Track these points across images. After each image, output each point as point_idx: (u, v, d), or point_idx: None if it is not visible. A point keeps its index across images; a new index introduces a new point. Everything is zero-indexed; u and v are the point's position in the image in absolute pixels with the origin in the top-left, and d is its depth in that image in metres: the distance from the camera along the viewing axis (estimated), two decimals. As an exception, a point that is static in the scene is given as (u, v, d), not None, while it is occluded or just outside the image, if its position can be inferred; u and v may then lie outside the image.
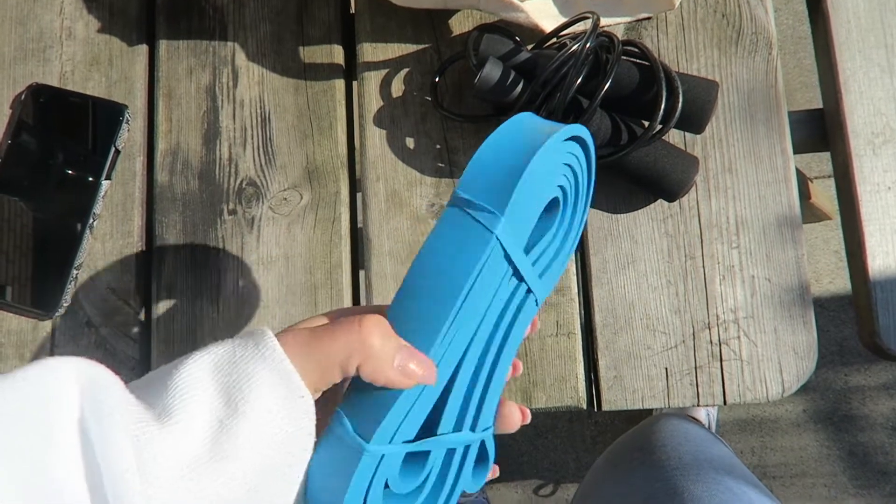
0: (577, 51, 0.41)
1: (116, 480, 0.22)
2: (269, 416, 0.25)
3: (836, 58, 0.48)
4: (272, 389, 0.25)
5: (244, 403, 0.25)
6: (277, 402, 0.25)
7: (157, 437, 0.23)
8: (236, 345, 0.26)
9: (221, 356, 0.26)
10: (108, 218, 0.49)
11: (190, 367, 0.25)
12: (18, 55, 0.51)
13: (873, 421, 1.17)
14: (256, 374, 0.25)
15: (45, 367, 0.23)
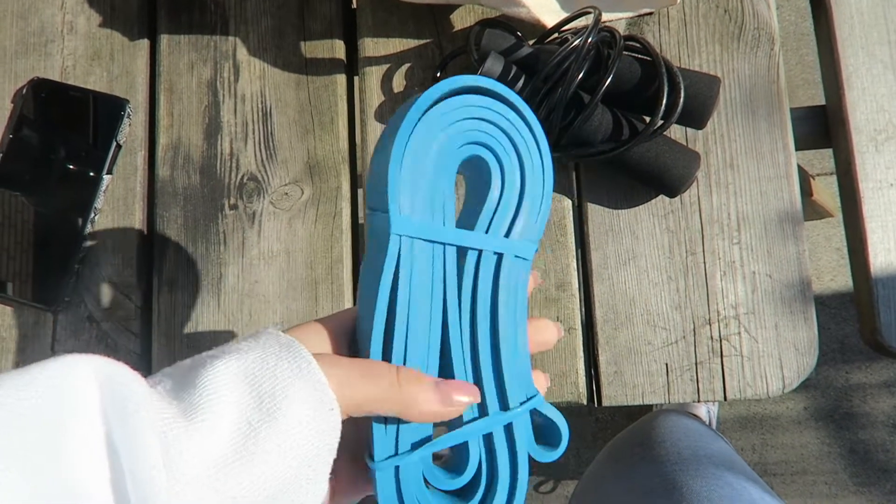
0: (578, 46, 0.41)
1: (142, 477, 0.22)
2: (300, 427, 0.25)
3: (839, 54, 0.48)
4: (305, 401, 0.25)
5: (276, 410, 0.25)
6: (308, 414, 0.25)
7: (183, 434, 0.23)
8: (268, 352, 0.26)
9: (253, 361, 0.26)
10: (110, 212, 0.49)
11: (219, 368, 0.25)
12: (20, 49, 0.51)
13: (874, 418, 1.17)
14: (292, 384, 0.25)
15: (63, 364, 0.23)
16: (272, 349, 0.26)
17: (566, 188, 0.47)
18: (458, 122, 0.28)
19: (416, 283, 0.28)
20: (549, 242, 0.47)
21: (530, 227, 0.30)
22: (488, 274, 0.29)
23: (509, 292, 0.30)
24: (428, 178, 0.28)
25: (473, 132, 0.29)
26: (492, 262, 0.29)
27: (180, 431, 0.23)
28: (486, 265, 0.29)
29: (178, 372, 0.26)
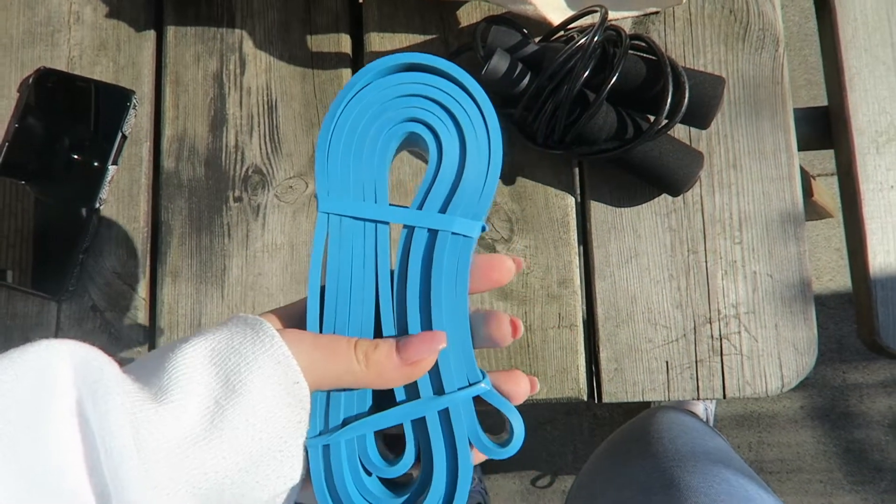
0: (584, 44, 0.41)
1: (114, 457, 0.22)
2: (265, 402, 0.25)
3: (842, 55, 0.48)
4: (270, 375, 0.26)
5: (242, 386, 0.25)
6: (274, 389, 0.26)
7: (153, 415, 0.24)
8: (234, 332, 0.27)
9: (219, 342, 0.26)
10: (115, 203, 0.49)
11: (186, 351, 0.26)
12: (26, 39, 0.51)
13: (870, 418, 1.17)
14: (256, 359, 0.26)
15: (40, 348, 0.24)
16: (238, 328, 0.27)
17: (569, 186, 0.47)
18: (392, 99, 0.28)
19: (344, 261, 0.28)
20: (551, 239, 0.47)
21: (471, 204, 0.29)
22: (419, 250, 0.29)
23: (444, 270, 0.29)
24: (361, 158, 0.28)
25: (410, 109, 0.29)
26: (423, 239, 0.29)
27: (150, 412, 0.24)
28: (418, 241, 0.29)
29: (151, 358, 0.27)
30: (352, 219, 0.28)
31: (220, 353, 0.26)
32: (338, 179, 0.28)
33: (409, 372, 0.27)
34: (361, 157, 0.28)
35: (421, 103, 0.29)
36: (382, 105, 0.28)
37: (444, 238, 0.29)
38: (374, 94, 0.28)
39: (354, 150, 0.28)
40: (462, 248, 0.29)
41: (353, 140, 0.28)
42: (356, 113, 0.28)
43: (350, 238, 0.28)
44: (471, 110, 0.29)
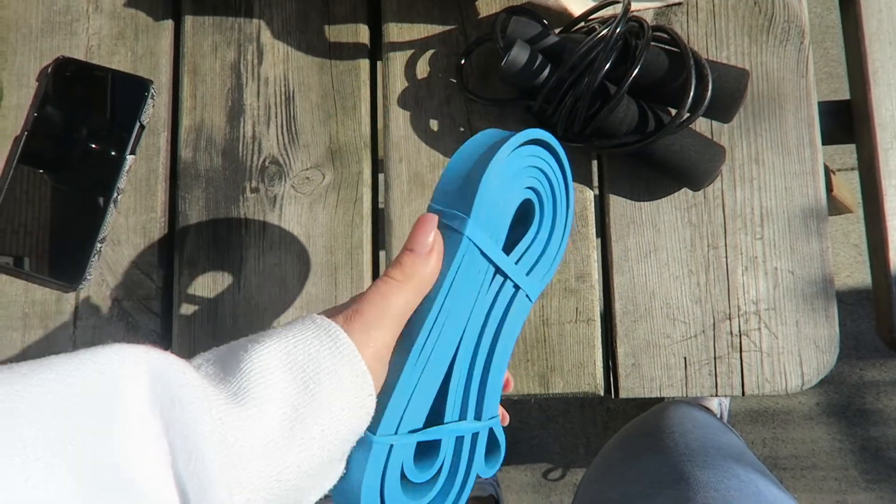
0: (606, 35, 0.41)
1: (200, 463, 0.22)
2: (341, 413, 0.26)
3: (866, 48, 0.47)
4: (347, 387, 0.27)
5: (320, 395, 0.26)
6: (349, 400, 0.27)
7: (237, 420, 0.24)
8: (310, 337, 0.27)
9: (295, 346, 0.27)
10: (132, 193, 0.50)
11: (262, 353, 0.26)
12: (45, 28, 0.52)
13: (887, 416, 1.16)
14: (336, 371, 0.27)
15: (112, 352, 0.23)
16: (313, 334, 0.27)
17: (588, 179, 0.47)
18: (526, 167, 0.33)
19: (460, 287, 0.30)
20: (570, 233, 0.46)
21: (544, 273, 0.34)
22: (504, 301, 0.32)
23: (512, 323, 0.33)
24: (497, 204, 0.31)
25: (532, 179, 0.33)
26: (510, 292, 0.33)
27: (234, 417, 0.24)
28: (506, 292, 0.32)
29: (218, 356, 0.26)
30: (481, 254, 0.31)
31: (297, 358, 0.26)
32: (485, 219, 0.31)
33: (435, 258, 0.30)
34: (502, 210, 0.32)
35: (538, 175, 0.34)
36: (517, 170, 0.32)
37: (521, 296, 0.33)
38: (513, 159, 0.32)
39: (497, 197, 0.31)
40: (525, 309, 0.34)
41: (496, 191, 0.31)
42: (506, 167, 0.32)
43: (470, 268, 0.31)
44: (561, 194, 0.35)
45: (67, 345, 0.48)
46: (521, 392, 0.45)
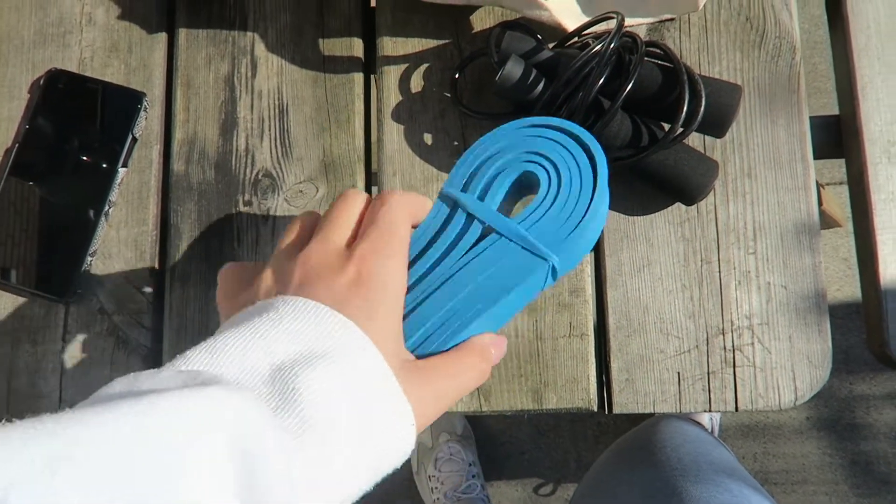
0: (600, 51, 0.41)
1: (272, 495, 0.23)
2: (387, 453, 0.28)
3: (855, 64, 0.48)
4: (396, 431, 0.28)
5: (373, 435, 0.27)
6: (397, 444, 0.28)
7: (304, 458, 0.25)
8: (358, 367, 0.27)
9: (349, 378, 0.27)
10: (124, 205, 0.49)
11: (321, 380, 0.26)
12: (38, 39, 0.51)
13: (877, 430, 1.16)
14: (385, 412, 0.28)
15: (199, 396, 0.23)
16: (358, 360, 0.28)
17: (582, 193, 0.47)
18: (527, 137, 0.35)
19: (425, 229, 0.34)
20: (563, 247, 0.46)
21: (551, 233, 0.34)
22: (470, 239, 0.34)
23: (484, 263, 0.33)
24: (489, 172, 0.35)
25: (534, 148, 0.35)
26: (476, 231, 0.34)
27: (301, 456, 0.25)
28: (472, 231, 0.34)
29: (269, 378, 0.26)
30: (462, 210, 0.34)
31: (351, 393, 0.27)
32: (466, 182, 0.35)
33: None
34: (491, 173, 0.35)
35: (551, 151, 0.35)
36: (519, 140, 0.35)
37: (503, 242, 0.34)
38: (519, 130, 0.36)
39: (487, 166, 0.35)
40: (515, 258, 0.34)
41: (486, 156, 0.35)
42: (495, 139, 0.36)
43: (437, 216, 0.34)
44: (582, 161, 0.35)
45: (56, 359, 0.48)
46: (514, 407, 0.45)
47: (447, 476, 1.17)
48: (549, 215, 0.34)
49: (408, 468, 1.24)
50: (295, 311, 0.28)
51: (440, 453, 1.19)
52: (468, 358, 0.32)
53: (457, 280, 0.33)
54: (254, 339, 0.27)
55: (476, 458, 1.20)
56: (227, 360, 0.26)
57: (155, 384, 0.24)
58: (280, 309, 0.28)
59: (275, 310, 0.28)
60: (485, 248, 0.33)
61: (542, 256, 0.33)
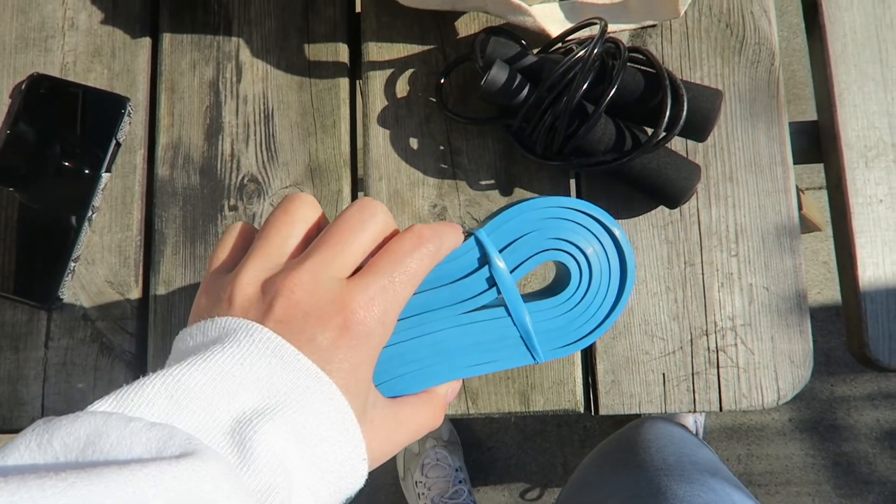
0: (584, 56, 0.41)
1: None
2: (345, 483, 0.27)
3: (832, 71, 0.49)
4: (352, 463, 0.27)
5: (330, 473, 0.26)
6: (353, 475, 0.27)
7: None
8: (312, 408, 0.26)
9: (303, 425, 0.25)
10: (108, 211, 0.49)
11: (270, 439, 0.24)
12: (20, 44, 0.51)
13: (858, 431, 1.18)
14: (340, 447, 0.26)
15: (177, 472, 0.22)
16: (315, 403, 0.26)
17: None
18: (569, 225, 0.34)
19: (445, 265, 0.33)
20: (549, 250, 0.47)
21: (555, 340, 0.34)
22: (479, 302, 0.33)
23: (479, 331, 0.33)
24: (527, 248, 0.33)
25: (567, 243, 0.34)
26: (491, 296, 0.33)
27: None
28: (486, 296, 0.33)
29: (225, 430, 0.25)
30: (488, 269, 0.33)
31: (304, 438, 0.25)
32: (501, 233, 0.33)
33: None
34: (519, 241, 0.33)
35: (580, 239, 0.34)
36: (552, 223, 0.34)
37: (506, 322, 0.33)
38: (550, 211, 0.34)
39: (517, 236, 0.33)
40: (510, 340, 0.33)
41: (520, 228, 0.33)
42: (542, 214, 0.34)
43: (465, 258, 0.33)
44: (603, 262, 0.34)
45: (38, 366, 0.47)
46: (501, 410, 0.45)
47: (434, 482, 1.17)
48: (565, 318, 0.34)
49: (394, 474, 1.24)
50: (265, 352, 0.26)
51: (427, 459, 1.18)
52: (429, 408, 0.32)
53: (447, 337, 0.33)
54: (220, 383, 0.25)
55: (463, 464, 1.20)
56: (191, 407, 0.24)
57: (124, 447, 0.22)
58: (243, 345, 0.26)
59: (238, 344, 0.26)
60: (488, 319, 0.33)
61: (533, 355, 0.33)
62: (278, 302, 0.27)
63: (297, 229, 0.30)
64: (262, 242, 0.30)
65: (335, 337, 0.27)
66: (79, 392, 0.47)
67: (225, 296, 0.29)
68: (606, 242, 0.34)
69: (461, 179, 0.48)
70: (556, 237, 0.34)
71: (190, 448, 0.22)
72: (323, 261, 0.28)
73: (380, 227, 0.30)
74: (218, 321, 0.27)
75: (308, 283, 0.27)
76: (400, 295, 0.28)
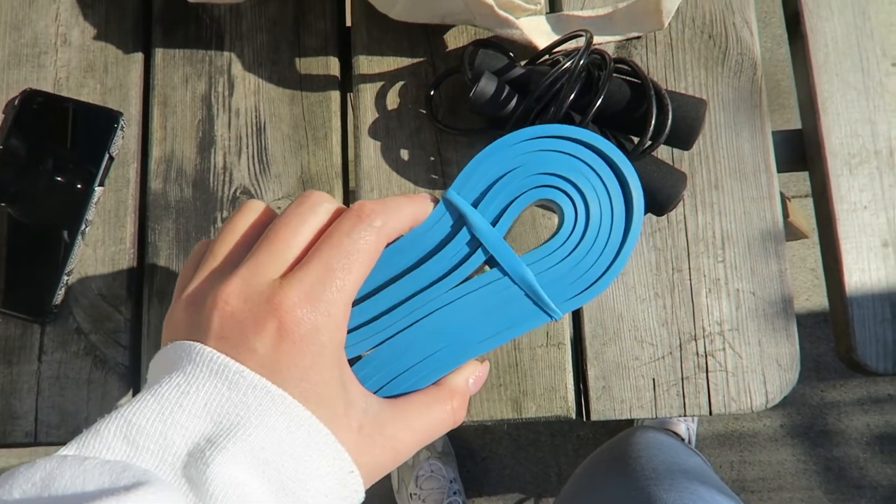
0: (570, 67, 0.42)
1: None
2: (326, 500, 0.25)
3: (815, 80, 0.50)
4: (326, 475, 0.25)
5: (303, 492, 0.24)
6: (332, 486, 0.25)
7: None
8: (275, 431, 0.24)
9: (263, 447, 0.24)
10: (101, 224, 0.49)
11: (227, 467, 0.23)
12: (12, 60, 0.51)
13: (848, 436, 1.19)
14: (315, 467, 0.24)
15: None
16: (270, 420, 0.24)
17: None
18: (551, 152, 0.30)
19: (421, 236, 0.30)
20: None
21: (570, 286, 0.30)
22: (469, 268, 0.30)
23: (478, 300, 0.29)
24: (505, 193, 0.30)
25: (558, 170, 0.30)
26: (480, 259, 0.30)
27: None
28: (475, 259, 0.30)
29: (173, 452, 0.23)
30: (468, 230, 0.29)
31: (268, 460, 0.24)
32: (473, 186, 0.30)
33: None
34: (502, 191, 0.30)
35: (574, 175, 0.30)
36: (538, 158, 0.30)
37: (506, 283, 0.30)
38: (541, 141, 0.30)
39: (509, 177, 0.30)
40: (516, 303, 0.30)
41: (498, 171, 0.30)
42: (523, 148, 0.30)
43: (439, 225, 0.29)
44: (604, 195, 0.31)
45: (32, 380, 0.47)
46: (494, 417, 0.46)
47: (428, 494, 1.16)
48: (568, 262, 0.30)
49: (388, 487, 1.24)
50: (208, 374, 0.25)
51: (421, 471, 1.18)
52: (441, 403, 0.29)
53: (445, 316, 0.29)
54: (170, 415, 0.24)
55: (457, 475, 1.20)
56: (148, 446, 0.23)
57: (78, 484, 0.22)
58: (187, 371, 0.25)
59: (182, 371, 0.25)
60: (484, 285, 0.29)
61: (547, 312, 0.30)
62: (214, 316, 0.26)
63: (238, 235, 0.29)
64: (207, 256, 0.28)
65: (275, 342, 0.25)
66: (72, 405, 0.47)
67: (174, 319, 0.28)
68: (597, 164, 0.30)
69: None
70: (535, 173, 0.30)
71: (143, 479, 0.22)
72: (258, 264, 0.26)
73: (321, 218, 0.28)
74: (168, 347, 0.26)
75: (241, 290, 0.26)
76: (342, 280, 0.26)
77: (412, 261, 0.30)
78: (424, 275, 0.29)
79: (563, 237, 0.30)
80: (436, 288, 0.29)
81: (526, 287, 0.29)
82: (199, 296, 0.27)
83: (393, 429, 0.27)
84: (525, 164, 0.30)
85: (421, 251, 0.30)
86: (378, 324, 0.29)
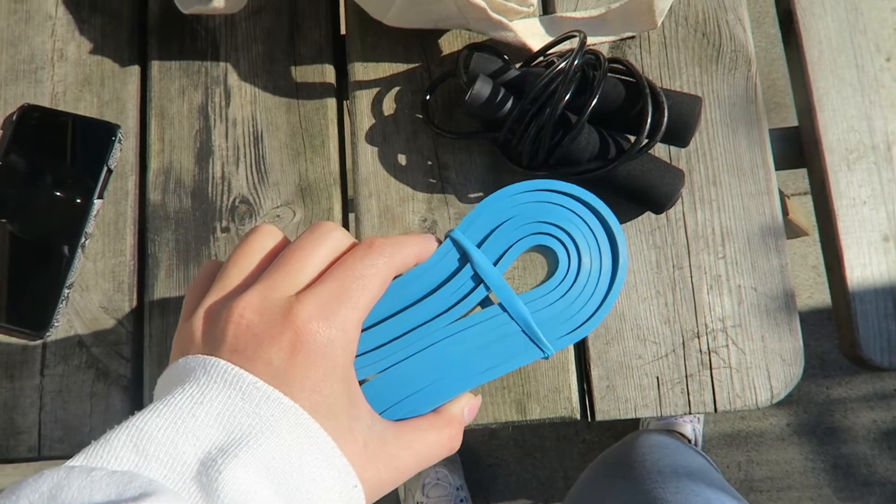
0: (565, 68, 0.42)
1: None
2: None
3: (810, 77, 0.50)
4: (332, 488, 0.25)
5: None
6: (337, 502, 0.25)
7: None
8: (285, 440, 0.25)
9: (273, 457, 0.24)
10: (101, 237, 0.49)
11: (238, 475, 0.23)
12: (9, 76, 0.52)
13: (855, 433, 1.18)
14: (322, 479, 0.25)
15: None
16: (281, 431, 0.25)
17: (555, 207, 0.48)
18: (543, 204, 0.34)
19: (426, 273, 0.32)
20: (539, 259, 0.47)
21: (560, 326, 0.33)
22: (471, 303, 0.32)
23: (476, 335, 0.32)
24: (506, 236, 0.33)
25: (550, 226, 0.34)
26: (481, 294, 0.32)
27: None
28: (476, 295, 0.32)
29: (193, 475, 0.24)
30: (471, 267, 0.32)
31: (276, 470, 0.24)
32: (475, 234, 0.33)
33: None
34: (501, 233, 0.33)
35: (567, 224, 0.34)
36: (537, 207, 0.33)
37: (504, 319, 0.32)
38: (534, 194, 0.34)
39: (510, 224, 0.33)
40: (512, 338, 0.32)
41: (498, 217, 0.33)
42: (515, 200, 0.33)
43: (446, 263, 0.32)
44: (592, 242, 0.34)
45: (35, 394, 0.47)
46: (499, 420, 0.45)
47: (435, 501, 1.16)
48: (561, 304, 0.32)
49: (394, 497, 1.23)
50: (222, 385, 0.25)
51: (427, 479, 1.18)
52: (439, 430, 0.30)
53: (445, 348, 0.31)
54: (182, 425, 0.24)
55: (463, 482, 1.19)
56: (157, 455, 0.24)
57: (85, 495, 0.22)
58: (202, 382, 0.25)
59: (197, 382, 0.25)
60: (483, 320, 0.32)
61: (541, 348, 0.32)
62: (229, 329, 0.27)
63: (254, 258, 0.30)
64: (221, 276, 0.29)
65: (289, 354, 0.26)
66: (76, 419, 0.47)
67: (185, 335, 0.28)
68: (588, 217, 0.34)
69: (450, 193, 0.48)
70: (533, 221, 0.33)
71: (149, 489, 0.22)
72: (274, 281, 0.27)
73: (334, 244, 0.29)
74: (180, 362, 0.27)
75: (257, 304, 0.27)
76: (356, 298, 0.27)
77: (417, 294, 0.32)
78: (428, 307, 0.32)
79: (556, 280, 0.33)
80: (438, 320, 0.32)
81: (523, 323, 0.32)
82: (213, 311, 0.28)
83: (395, 448, 0.29)
84: (525, 213, 0.33)
85: (426, 286, 0.32)
86: (383, 351, 0.31)
